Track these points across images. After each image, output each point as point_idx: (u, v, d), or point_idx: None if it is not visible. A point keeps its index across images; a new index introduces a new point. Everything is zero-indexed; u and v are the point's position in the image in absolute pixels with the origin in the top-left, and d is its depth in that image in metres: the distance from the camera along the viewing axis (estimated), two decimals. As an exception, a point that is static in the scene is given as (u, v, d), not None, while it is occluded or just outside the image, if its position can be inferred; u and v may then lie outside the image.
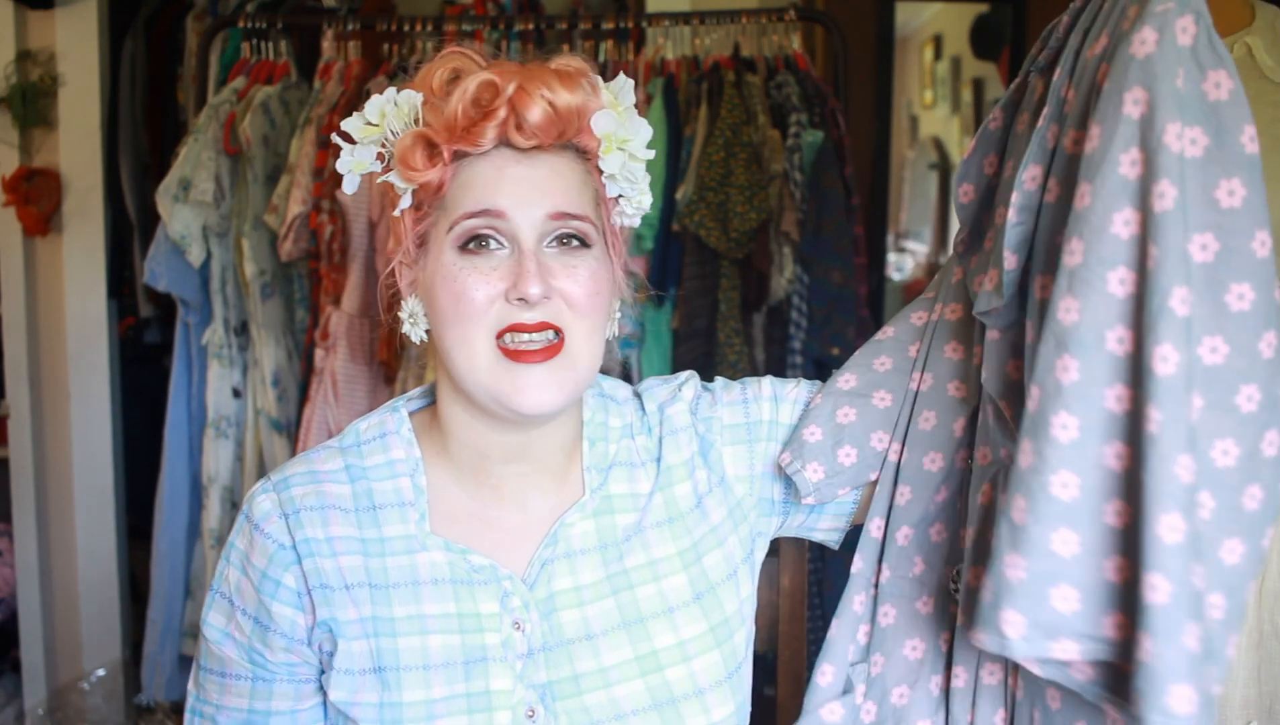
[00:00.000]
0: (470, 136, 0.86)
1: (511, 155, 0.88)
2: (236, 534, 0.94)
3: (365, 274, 2.21)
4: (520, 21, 2.28)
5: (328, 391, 2.19)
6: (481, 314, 0.87)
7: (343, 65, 2.26)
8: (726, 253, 2.08)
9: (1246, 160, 0.72)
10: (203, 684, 0.95)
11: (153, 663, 2.37)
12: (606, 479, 0.97)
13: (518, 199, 0.87)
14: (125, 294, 2.78)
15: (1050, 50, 0.87)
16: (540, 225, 0.87)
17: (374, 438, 0.97)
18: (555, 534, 0.94)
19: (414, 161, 0.87)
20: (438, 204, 0.89)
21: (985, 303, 0.86)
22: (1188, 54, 0.72)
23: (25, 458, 2.66)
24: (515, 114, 0.86)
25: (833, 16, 2.50)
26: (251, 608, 0.91)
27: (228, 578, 0.93)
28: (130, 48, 2.73)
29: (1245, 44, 1.49)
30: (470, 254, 0.88)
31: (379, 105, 0.90)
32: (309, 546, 0.91)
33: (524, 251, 0.87)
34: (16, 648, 2.72)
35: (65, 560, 2.71)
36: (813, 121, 2.13)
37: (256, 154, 2.21)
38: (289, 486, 0.93)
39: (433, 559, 0.92)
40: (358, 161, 0.91)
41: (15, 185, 2.53)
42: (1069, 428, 0.70)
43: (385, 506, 0.93)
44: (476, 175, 0.88)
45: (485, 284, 0.87)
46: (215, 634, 0.93)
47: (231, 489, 2.32)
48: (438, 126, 0.87)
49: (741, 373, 2.09)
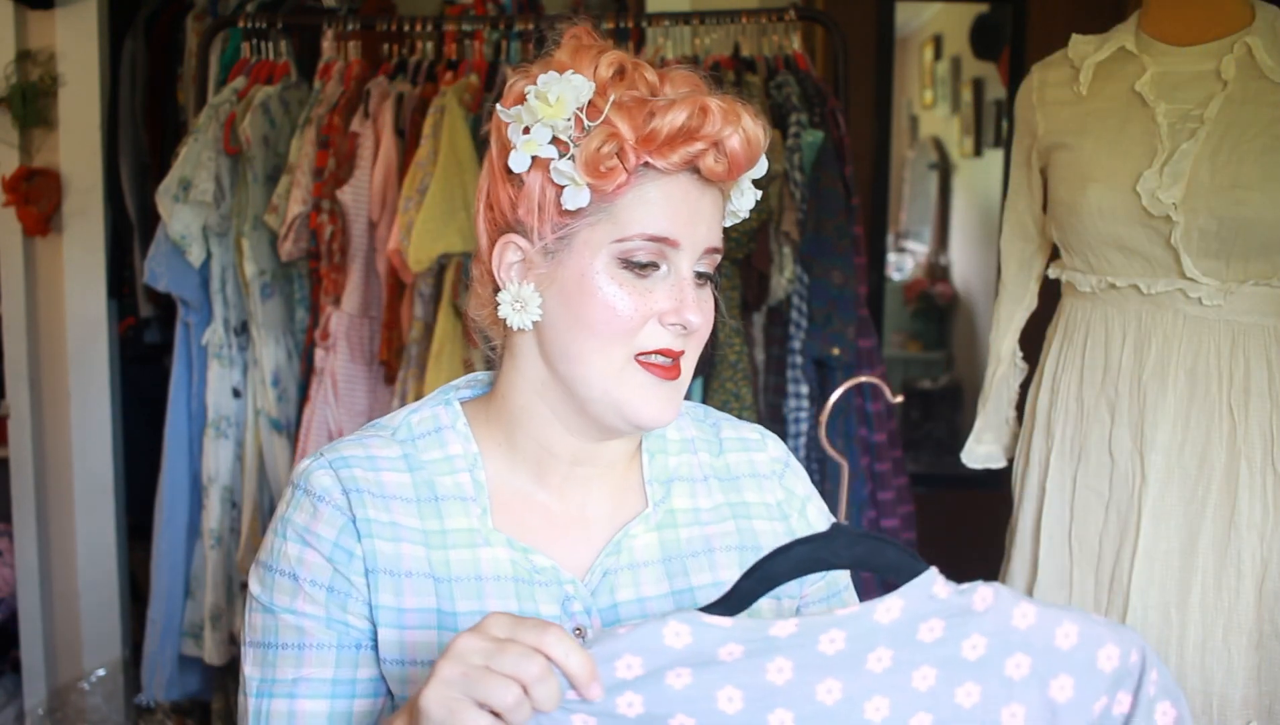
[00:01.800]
0: (665, 154, 0.85)
1: (693, 182, 0.87)
2: (292, 509, 0.90)
3: (365, 274, 2.21)
4: (520, 21, 2.28)
5: (328, 391, 2.19)
6: (632, 333, 0.87)
7: (343, 65, 2.26)
8: (726, 253, 2.07)
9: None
10: (272, 662, 0.88)
11: (153, 663, 2.37)
12: (669, 493, 0.97)
13: (691, 229, 0.87)
14: (125, 294, 2.78)
15: None
16: (699, 257, 0.89)
17: (429, 432, 0.95)
18: (619, 543, 0.94)
19: (603, 164, 0.85)
20: (603, 208, 0.87)
21: None
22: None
23: (25, 458, 2.66)
24: (717, 147, 0.86)
25: (833, 16, 2.50)
26: (324, 577, 0.88)
27: (286, 553, 0.89)
28: (130, 48, 2.73)
29: (1245, 44, 1.49)
30: (631, 271, 0.87)
31: (556, 88, 0.85)
32: (369, 527, 0.89)
33: (683, 279, 0.88)
34: (16, 648, 2.72)
35: (65, 560, 2.71)
36: (813, 121, 2.13)
37: (256, 154, 2.21)
38: (349, 466, 0.91)
39: (495, 555, 0.91)
40: (531, 141, 0.86)
41: (15, 185, 2.53)
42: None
43: (447, 498, 0.92)
44: (658, 196, 0.87)
45: (641, 303, 0.87)
46: (284, 610, 0.89)
47: (231, 489, 2.32)
48: (630, 134, 0.85)
49: (742, 373, 2.09)
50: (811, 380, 2.12)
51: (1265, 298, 1.47)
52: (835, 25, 2.24)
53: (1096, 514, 1.56)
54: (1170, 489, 1.49)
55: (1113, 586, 1.53)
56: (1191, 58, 1.52)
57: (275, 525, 0.91)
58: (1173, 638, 1.48)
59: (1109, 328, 1.55)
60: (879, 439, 2.15)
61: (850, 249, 2.10)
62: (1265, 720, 1.48)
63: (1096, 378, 1.56)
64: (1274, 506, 1.46)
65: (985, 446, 1.82)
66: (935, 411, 4.46)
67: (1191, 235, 1.46)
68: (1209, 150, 1.46)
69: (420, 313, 2.15)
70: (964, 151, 4.47)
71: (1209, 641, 1.48)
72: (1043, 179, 1.67)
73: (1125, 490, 1.52)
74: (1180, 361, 1.49)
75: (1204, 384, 1.48)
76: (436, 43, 2.35)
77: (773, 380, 2.17)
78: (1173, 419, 1.49)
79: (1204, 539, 1.47)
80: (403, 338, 2.17)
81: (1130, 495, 1.52)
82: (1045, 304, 1.75)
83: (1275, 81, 1.47)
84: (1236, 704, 1.48)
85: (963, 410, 4.37)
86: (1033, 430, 1.66)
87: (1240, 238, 1.44)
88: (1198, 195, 1.45)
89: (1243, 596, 1.46)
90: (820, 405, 2.14)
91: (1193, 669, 1.48)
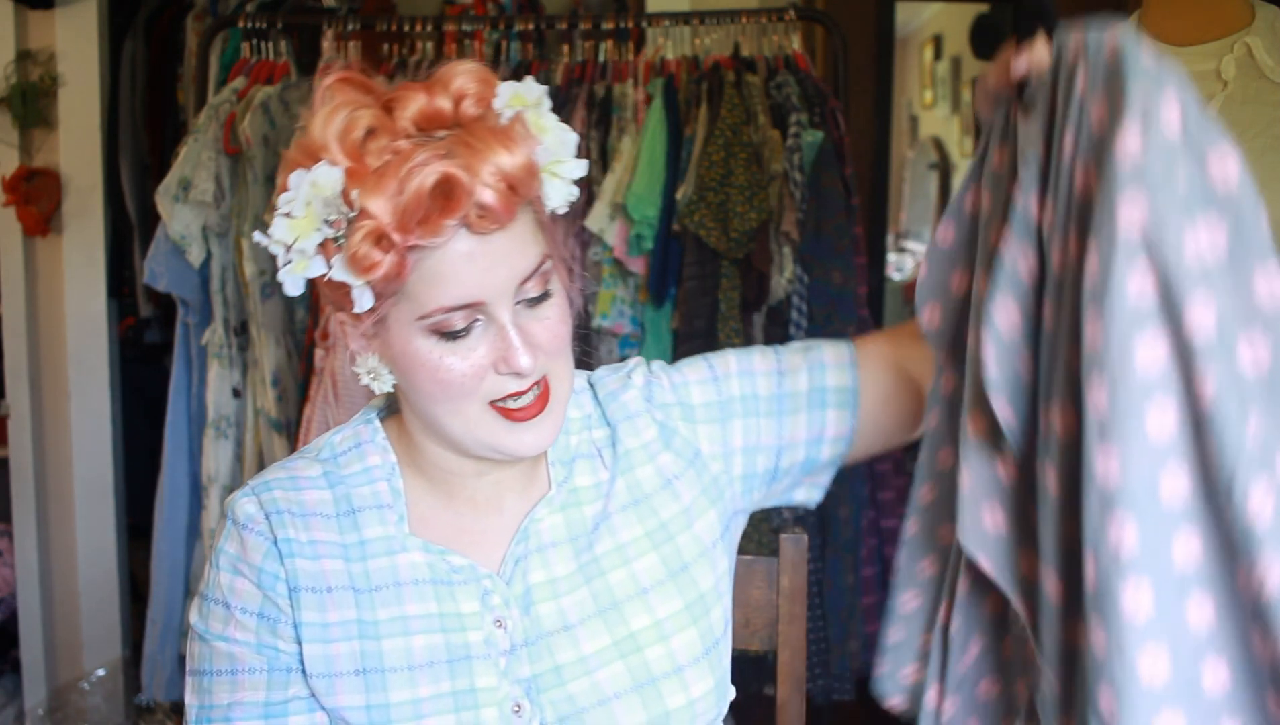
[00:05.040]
0: (430, 232, 0.80)
1: (472, 237, 0.82)
2: (225, 540, 0.93)
3: (365, 274, 2.21)
4: (520, 21, 2.28)
5: (328, 391, 2.19)
6: (472, 391, 0.86)
7: (343, 65, 2.25)
8: (726, 253, 2.08)
9: (1272, 245, 0.65)
10: (208, 688, 0.92)
11: (153, 663, 2.37)
12: (571, 472, 0.98)
13: (490, 280, 0.83)
14: (125, 294, 2.78)
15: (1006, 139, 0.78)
16: (512, 296, 0.85)
17: (349, 448, 0.97)
18: (525, 530, 0.95)
19: (368, 259, 0.80)
20: (396, 290, 0.84)
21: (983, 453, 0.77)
22: (1179, 147, 0.64)
23: (25, 458, 2.66)
24: (478, 205, 0.80)
25: (833, 16, 2.49)
26: (254, 604, 0.91)
27: (219, 583, 0.92)
28: (130, 48, 2.73)
29: (1245, 44, 1.49)
30: (447, 340, 0.85)
31: (302, 197, 0.81)
32: (290, 547, 0.91)
33: (504, 326, 0.85)
34: (16, 648, 2.72)
35: (65, 560, 2.71)
36: (813, 121, 2.13)
37: (256, 154, 2.21)
38: (270, 488, 0.93)
39: (413, 560, 0.92)
40: (298, 265, 0.83)
41: (15, 185, 2.53)
42: (1142, 599, 0.61)
43: (364, 508, 0.94)
44: (442, 265, 0.82)
45: (468, 363, 0.85)
46: (217, 638, 0.92)
47: (231, 489, 2.31)
48: (387, 219, 0.79)
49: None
50: (811, 380, 2.12)
51: (1265, 298, 1.47)
52: (835, 25, 2.24)
53: (1096, 514, 1.55)
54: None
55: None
56: (1191, 58, 1.52)
57: (211, 556, 0.93)
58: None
59: (1109, 328, 1.55)
60: (879, 439, 2.15)
61: (850, 249, 2.10)
62: (1265, 720, 1.48)
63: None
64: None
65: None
66: (935, 411, 4.46)
67: (1191, 235, 1.46)
68: (1209, 150, 1.46)
69: (420, 313, 2.15)
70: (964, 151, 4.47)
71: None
72: (1043, 179, 1.67)
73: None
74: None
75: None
76: (436, 43, 2.35)
77: (773, 380, 2.17)
78: (1173, 419, 1.49)
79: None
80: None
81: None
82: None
83: (1275, 81, 1.47)
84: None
85: (963, 410, 4.36)
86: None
87: (1240, 238, 1.44)
88: (1198, 195, 1.45)
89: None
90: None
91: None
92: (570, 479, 0.98)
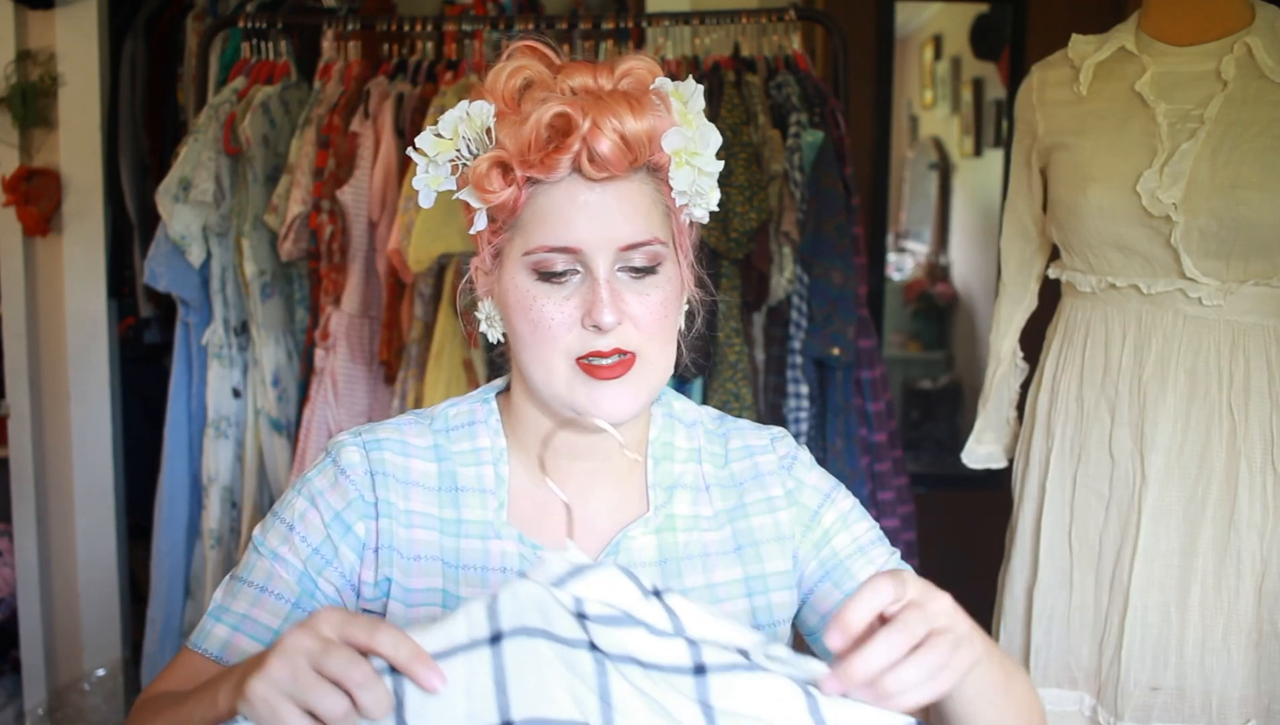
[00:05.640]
0: (544, 166, 0.87)
1: (583, 184, 0.88)
2: (316, 472, 0.95)
3: (365, 274, 2.21)
4: (520, 21, 2.28)
5: (328, 391, 2.19)
6: (558, 339, 0.89)
7: (343, 65, 2.26)
8: (726, 253, 2.08)
9: None
10: (234, 592, 0.94)
11: (153, 663, 2.37)
12: (671, 498, 0.99)
13: (592, 231, 0.88)
14: (125, 294, 2.78)
15: None
16: (613, 256, 0.89)
17: (462, 425, 0.99)
18: (618, 544, 0.96)
19: (489, 185, 0.88)
20: (513, 222, 0.90)
21: None
22: None
23: (25, 458, 2.66)
24: (587, 147, 0.86)
25: (833, 16, 2.50)
26: (315, 539, 0.93)
27: (294, 506, 0.94)
28: (130, 48, 2.73)
29: (1245, 44, 1.49)
30: (545, 281, 0.89)
31: (453, 120, 0.90)
32: (389, 508, 0.93)
33: (597, 280, 0.88)
34: (16, 648, 2.72)
35: (65, 560, 2.71)
36: (813, 121, 2.13)
37: (256, 154, 2.21)
38: (380, 448, 0.95)
39: (505, 548, 0.94)
40: (432, 178, 0.92)
41: (15, 185, 2.53)
42: None
43: (467, 489, 0.96)
44: (551, 204, 0.88)
45: (560, 311, 0.89)
46: (268, 553, 0.93)
47: (231, 489, 2.32)
48: (512, 150, 0.87)
49: (742, 373, 2.09)
50: (811, 380, 2.12)
51: (1265, 298, 1.47)
52: (835, 25, 2.24)
53: (1096, 514, 1.56)
54: (1170, 489, 1.49)
55: (1113, 586, 1.52)
56: (1191, 58, 1.52)
57: (296, 481, 0.96)
58: (1173, 638, 1.48)
59: (1109, 328, 1.55)
60: (879, 439, 2.15)
61: (850, 249, 2.10)
62: (1265, 720, 1.48)
63: (1096, 378, 1.56)
64: (1274, 506, 1.46)
65: (986, 446, 1.82)
66: (935, 411, 4.46)
67: (1191, 235, 1.46)
68: (1209, 150, 1.46)
69: (420, 313, 2.15)
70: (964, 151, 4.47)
71: (1209, 641, 1.48)
72: (1043, 179, 1.67)
73: (1125, 490, 1.52)
74: (1180, 361, 1.49)
75: (1204, 384, 1.48)
76: (436, 43, 2.35)
77: (773, 380, 2.17)
78: (1173, 419, 1.49)
79: (1204, 539, 1.47)
80: (403, 338, 2.17)
81: (1130, 495, 1.52)
82: (1045, 304, 1.75)
83: (1275, 81, 1.47)
84: (1236, 704, 1.48)
85: (963, 410, 4.37)
86: (1033, 430, 1.66)
87: (1240, 238, 1.44)
88: (1198, 195, 1.45)
89: (1242, 596, 1.46)
90: (820, 405, 2.15)
91: (1193, 669, 1.48)
92: (669, 504, 0.99)
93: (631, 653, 0.68)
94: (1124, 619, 1.50)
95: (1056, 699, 1.58)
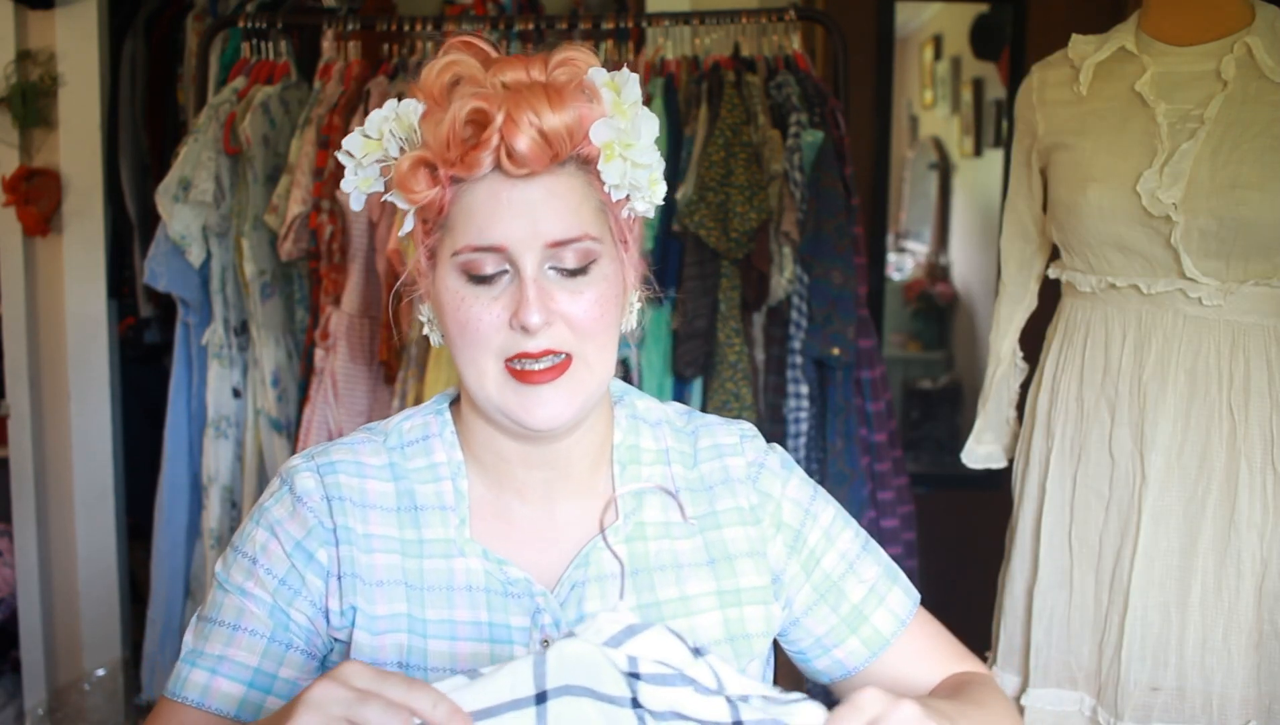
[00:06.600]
0: (464, 164, 0.84)
1: (507, 181, 0.85)
2: (273, 501, 0.93)
3: (365, 274, 2.21)
4: (520, 21, 2.28)
5: (328, 391, 2.19)
6: (487, 341, 0.87)
7: (343, 65, 2.26)
8: (726, 253, 2.07)
9: None
10: (205, 634, 0.91)
11: (153, 663, 2.37)
12: (641, 505, 0.96)
13: (516, 229, 0.85)
14: (125, 294, 2.78)
15: None
16: (540, 254, 0.86)
17: (416, 440, 0.96)
18: (587, 555, 0.93)
19: (414, 185, 0.86)
20: (441, 223, 0.88)
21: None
22: None
23: (25, 458, 2.66)
24: (505, 142, 0.83)
25: (833, 16, 2.49)
26: (280, 570, 0.91)
27: (254, 538, 0.92)
28: (130, 48, 2.73)
29: (1245, 44, 1.49)
30: (475, 283, 0.87)
31: (378, 120, 0.88)
32: (348, 534, 0.91)
33: (524, 279, 0.86)
34: (16, 648, 2.72)
35: (65, 560, 2.71)
36: (813, 121, 2.13)
37: (256, 154, 2.21)
38: (335, 471, 0.93)
39: (469, 566, 0.91)
40: (362, 180, 0.90)
41: (15, 185, 2.53)
42: None
43: (426, 508, 0.93)
44: (475, 203, 0.86)
45: (489, 312, 0.87)
46: (235, 589, 0.91)
47: (231, 489, 2.32)
48: (434, 147, 0.85)
49: (742, 373, 2.09)
50: (811, 380, 2.12)
51: (1265, 298, 1.47)
52: (835, 25, 2.24)
53: (1096, 514, 1.56)
54: (1170, 489, 1.49)
55: (1113, 586, 1.52)
56: (1191, 58, 1.52)
57: (253, 512, 0.94)
58: (1173, 638, 1.48)
59: (1109, 328, 1.55)
60: (879, 439, 2.15)
61: (850, 249, 2.10)
62: (1265, 720, 1.48)
63: (1096, 378, 1.56)
64: (1274, 506, 1.46)
65: (986, 446, 1.82)
66: (935, 411, 4.46)
67: (1191, 235, 1.46)
68: (1209, 150, 1.46)
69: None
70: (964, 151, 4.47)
71: (1209, 641, 1.47)
72: (1043, 179, 1.67)
73: (1125, 490, 1.52)
74: (1180, 362, 1.49)
75: (1204, 384, 1.48)
76: (436, 43, 2.35)
77: (773, 380, 2.17)
78: (1173, 419, 1.49)
79: (1204, 539, 1.47)
80: (403, 338, 2.17)
81: (1130, 495, 1.52)
82: (1045, 304, 1.75)
83: (1275, 81, 1.47)
84: (1236, 704, 1.48)
85: (963, 410, 4.37)
86: (1033, 430, 1.66)
87: (1240, 238, 1.44)
88: (1198, 195, 1.45)
89: (1243, 596, 1.46)
90: (820, 405, 2.15)
91: (1193, 669, 1.48)
92: (639, 512, 0.96)
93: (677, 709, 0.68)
94: (1124, 619, 1.50)
95: (1056, 699, 1.58)
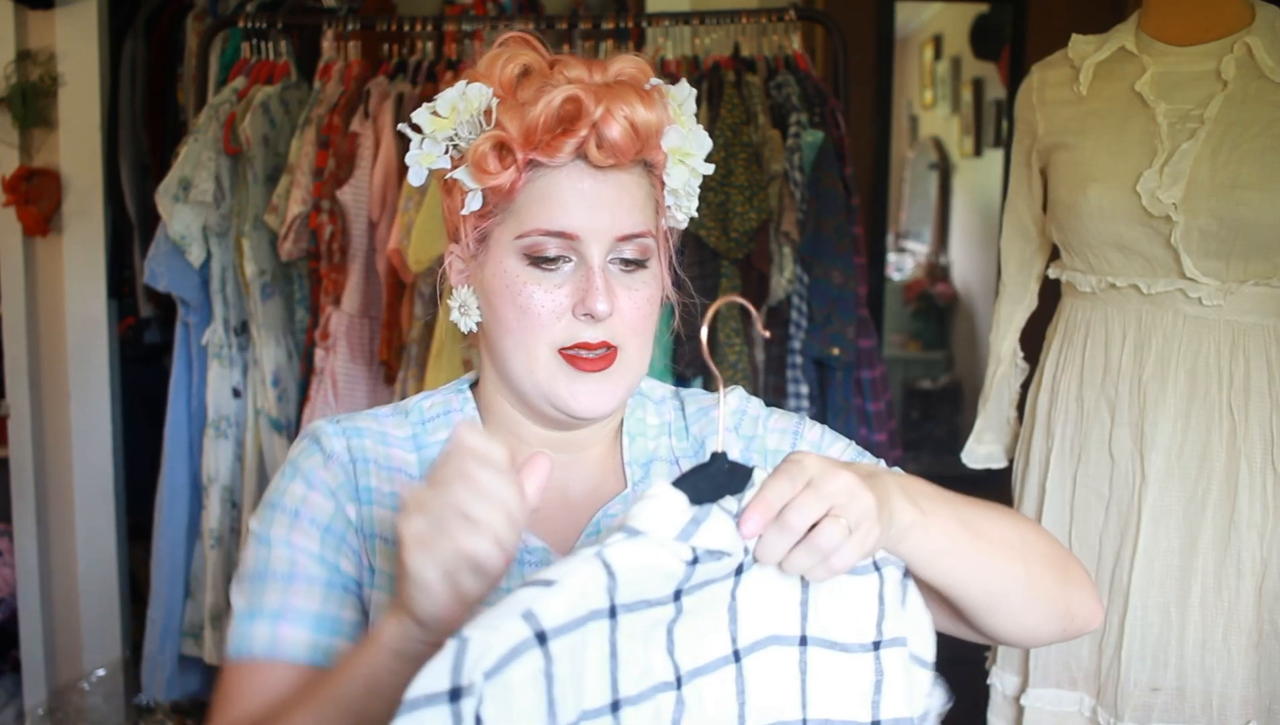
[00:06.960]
0: (549, 149, 0.86)
1: (585, 171, 0.88)
2: (302, 456, 0.93)
3: (365, 274, 2.21)
4: (520, 21, 2.28)
5: (328, 391, 2.19)
6: (546, 327, 0.89)
7: (343, 65, 2.26)
8: (726, 253, 2.07)
9: None
10: (260, 591, 0.89)
11: (153, 663, 2.37)
12: (648, 474, 0.99)
13: (590, 219, 0.88)
14: (125, 294, 2.78)
15: None
16: (608, 246, 0.89)
17: (438, 415, 0.98)
18: (598, 523, 0.95)
19: (488, 165, 0.87)
20: (505, 206, 0.90)
21: None
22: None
23: (25, 458, 2.66)
24: (597, 133, 0.86)
25: (833, 16, 2.50)
26: (323, 517, 0.90)
27: (291, 492, 0.92)
28: (130, 48, 2.73)
29: (1245, 44, 1.49)
30: (537, 267, 0.89)
31: (450, 99, 0.89)
32: (370, 495, 0.92)
33: (592, 269, 0.88)
34: (16, 648, 2.72)
35: (65, 560, 2.71)
36: (813, 121, 2.13)
37: (256, 154, 2.21)
38: (361, 435, 0.94)
39: None
40: (426, 155, 0.91)
41: (15, 185, 2.53)
42: None
43: None
44: (550, 189, 0.88)
45: (550, 298, 0.88)
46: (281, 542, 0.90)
47: (231, 489, 2.32)
48: (514, 132, 0.86)
49: (742, 373, 2.09)
50: (811, 380, 2.12)
51: (1265, 298, 1.47)
52: (835, 25, 2.24)
53: (1096, 514, 1.56)
54: (1170, 489, 1.49)
55: (1113, 586, 1.52)
56: (1191, 58, 1.52)
57: (284, 468, 0.94)
58: (1173, 638, 1.48)
59: (1109, 328, 1.55)
60: (879, 439, 2.15)
61: (850, 249, 2.10)
62: (1265, 720, 1.48)
63: (1096, 378, 1.56)
64: (1274, 506, 1.46)
65: (986, 446, 1.82)
66: (935, 411, 4.47)
67: (1191, 235, 1.46)
68: (1209, 150, 1.46)
69: (420, 312, 2.15)
70: (964, 151, 4.48)
71: (1209, 641, 1.48)
72: (1043, 179, 1.67)
73: (1125, 490, 1.52)
74: (1180, 362, 1.49)
75: (1204, 384, 1.48)
76: (436, 43, 2.35)
77: (773, 380, 2.17)
78: (1173, 419, 1.49)
79: (1204, 539, 1.47)
80: (403, 337, 2.17)
81: (1130, 495, 1.52)
82: (1045, 304, 1.75)
83: (1275, 81, 1.47)
84: (1236, 704, 1.48)
85: (963, 410, 4.37)
86: (1033, 430, 1.66)
87: (1240, 238, 1.44)
88: (1198, 195, 1.45)
89: (1243, 596, 1.46)
90: (820, 405, 2.15)
91: (1193, 669, 1.48)
92: (647, 480, 0.98)
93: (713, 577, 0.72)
94: (1124, 619, 1.50)
95: (1056, 699, 1.58)
